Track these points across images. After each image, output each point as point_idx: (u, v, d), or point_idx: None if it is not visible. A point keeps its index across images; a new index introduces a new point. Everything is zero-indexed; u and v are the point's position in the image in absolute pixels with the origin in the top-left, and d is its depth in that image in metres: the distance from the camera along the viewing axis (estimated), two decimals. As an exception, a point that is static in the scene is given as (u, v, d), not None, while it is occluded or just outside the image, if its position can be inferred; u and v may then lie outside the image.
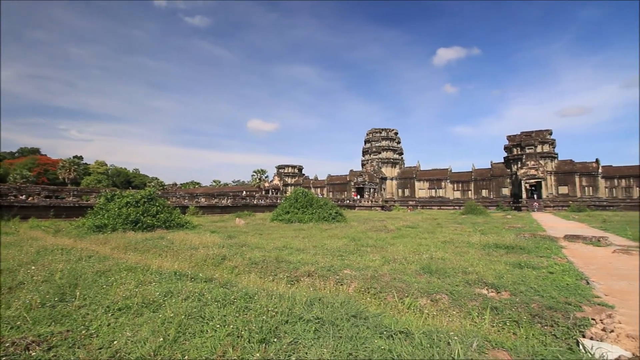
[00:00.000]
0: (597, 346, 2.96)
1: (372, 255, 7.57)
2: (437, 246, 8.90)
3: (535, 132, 55.09)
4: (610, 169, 50.89)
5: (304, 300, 3.63)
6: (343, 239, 10.70)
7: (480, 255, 7.53)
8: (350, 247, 8.79)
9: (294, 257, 7.25)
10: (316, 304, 3.53)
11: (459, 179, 62.66)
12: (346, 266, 6.25)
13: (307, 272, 5.86)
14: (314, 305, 3.51)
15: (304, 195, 21.95)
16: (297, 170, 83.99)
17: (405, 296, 4.49)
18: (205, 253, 7.74)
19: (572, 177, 50.87)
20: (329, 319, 3.11)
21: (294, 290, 4.41)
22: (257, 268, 6.42)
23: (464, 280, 5.09)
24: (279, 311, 3.30)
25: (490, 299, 4.28)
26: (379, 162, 69.57)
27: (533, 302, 4.05)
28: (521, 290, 4.51)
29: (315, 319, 3.10)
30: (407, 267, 6.08)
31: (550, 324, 3.65)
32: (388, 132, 72.81)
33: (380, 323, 3.11)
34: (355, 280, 5.30)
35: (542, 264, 6.23)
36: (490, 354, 2.64)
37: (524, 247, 8.25)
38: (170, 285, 4.53)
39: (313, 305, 3.51)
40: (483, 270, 5.77)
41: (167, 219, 15.13)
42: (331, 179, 74.99)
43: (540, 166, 51.05)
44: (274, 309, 3.31)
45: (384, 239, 10.45)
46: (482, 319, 3.79)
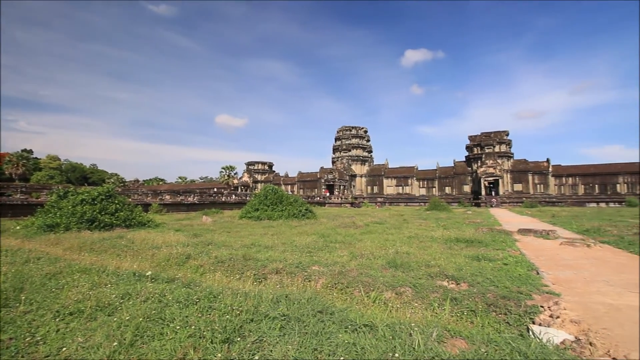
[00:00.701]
0: (545, 331, 3.20)
1: (341, 251, 7.66)
2: (403, 241, 9.18)
3: (494, 133, 58.48)
4: (559, 168, 55.32)
5: (270, 298, 3.58)
6: (312, 235, 10.72)
7: (443, 249, 7.86)
8: (319, 243, 8.82)
9: (262, 254, 7.15)
10: (283, 301, 3.50)
11: (424, 176, 65.08)
12: (315, 262, 6.27)
13: (275, 269, 5.80)
14: (280, 302, 3.48)
15: (273, 192, 21.73)
16: (267, 167, 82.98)
17: (372, 290, 4.59)
18: (168, 252, 7.42)
19: (526, 175, 54.68)
20: (295, 315, 3.10)
21: (261, 288, 4.35)
22: (224, 267, 6.26)
23: (426, 273, 5.29)
24: (244, 310, 3.23)
25: (450, 290, 4.48)
26: (349, 159, 70.50)
27: (489, 292, 4.30)
28: (478, 281, 4.76)
29: (281, 316, 3.08)
30: (374, 262, 6.21)
31: (504, 312, 3.89)
32: (358, 130, 73.93)
33: (345, 318, 3.15)
34: (323, 276, 5.33)
35: (498, 257, 6.63)
36: (448, 342, 2.76)
37: (482, 240, 8.74)
38: (129, 287, 4.29)
39: (279, 302, 3.48)
40: (444, 263, 6.03)
41: (127, 218, 14.32)
42: (302, 176, 74.90)
43: (498, 165, 54.35)
44: (239, 308, 3.24)
45: (353, 235, 10.61)
46: (442, 310, 3.95)
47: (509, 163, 56.29)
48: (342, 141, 73.04)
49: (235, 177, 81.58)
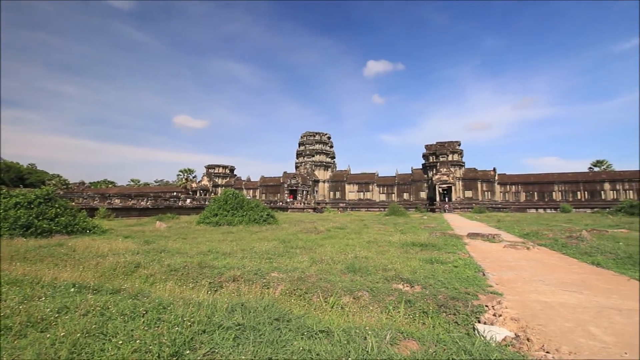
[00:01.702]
0: (489, 329, 3.42)
1: (301, 256, 7.62)
2: (362, 246, 9.37)
3: (448, 143, 62.22)
4: (504, 176, 60.17)
5: (225, 307, 3.46)
6: (273, 241, 10.57)
7: (399, 253, 8.15)
8: (279, 249, 8.72)
9: (220, 261, 6.90)
10: (238, 309, 3.39)
11: (384, 182, 67.30)
12: (274, 269, 6.17)
13: (233, 277, 5.62)
14: (235, 311, 3.37)
15: (234, 197, 21.14)
16: (229, 170, 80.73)
17: (330, 295, 4.61)
18: (114, 261, 6.89)
19: (475, 183, 58.73)
20: (250, 324, 3.01)
21: (216, 297, 4.19)
22: (177, 275, 5.94)
23: (383, 277, 5.44)
24: (197, 320, 3.08)
25: (405, 293, 4.64)
26: (312, 165, 70.86)
27: (440, 294, 4.52)
28: (431, 283, 4.99)
29: (235, 326, 2.98)
30: (334, 267, 6.26)
31: (453, 313, 4.11)
32: (321, 136, 74.70)
33: (303, 324, 3.13)
34: (282, 283, 5.26)
35: (449, 259, 7.00)
36: (401, 344, 2.85)
37: (436, 244, 9.20)
38: (67, 300, 3.91)
39: (234, 311, 3.37)
40: (400, 267, 6.25)
41: (69, 223, 13.09)
42: (264, 181, 73.83)
43: (451, 173, 57.81)
44: (190, 319, 3.08)
45: (314, 240, 10.63)
46: (397, 312, 4.08)
47: (461, 171, 60.10)
48: (306, 146, 73.32)
49: (194, 181, 78.27)
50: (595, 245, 8.86)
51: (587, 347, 2.99)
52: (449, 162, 59.92)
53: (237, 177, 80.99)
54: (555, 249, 8.87)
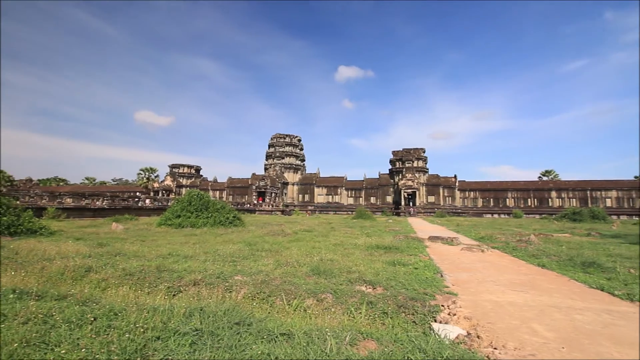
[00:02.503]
0: (443, 328, 3.59)
1: (267, 259, 7.54)
2: (329, 249, 9.45)
3: (413, 150, 64.63)
4: (463, 183, 63.53)
5: (182, 312, 3.33)
6: (238, 243, 10.36)
7: (364, 255, 8.32)
8: (244, 252, 8.56)
9: (180, 265, 6.64)
10: (196, 314, 3.28)
11: (352, 186, 68.40)
12: (238, 272, 6.05)
13: (193, 280, 5.43)
14: (193, 316, 3.25)
15: (198, 198, 20.44)
16: (194, 170, 77.97)
17: (294, 298, 4.60)
18: (62, 265, 6.38)
19: (438, 188, 61.48)
20: (209, 329, 2.93)
21: (174, 301, 4.02)
22: (132, 279, 5.62)
23: (347, 279, 5.52)
24: (151, 327, 2.94)
25: (367, 294, 4.74)
26: (281, 167, 70.39)
27: (400, 295, 4.67)
28: (392, 285, 5.15)
29: (193, 331, 2.88)
30: (299, 270, 6.25)
31: (412, 313, 4.26)
32: (292, 138, 74.50)
33: (264, 328, 3.09)
34: (245, 286, 5.17)
35: (410, 261, 7.26)
36: (361, 344, 2.91)
37: (399, 247, 9.50)
38: (5, 307, 3.56)
39: (192, 316, 3.26)
40: (364, 269, 6.38)
41: (12, 224, 11.98)
42: (232, 182, 72.16)
43: (415, 178, 60.05)
44: (144, 325, 2.94)
45: (280, 243, 10.56)
46: (359, 314, 4.16)
47: (425, 177, 62.64)
48: (276, 148, 72.75)
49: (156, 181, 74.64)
50: (541, 249, 9.61)
51: (530, 342, 3.23)
52: (414, 168, 62.21)
53: (203, 178, 78.43)
54: (507, 252, 9.51)
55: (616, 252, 9.37)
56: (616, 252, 9.50)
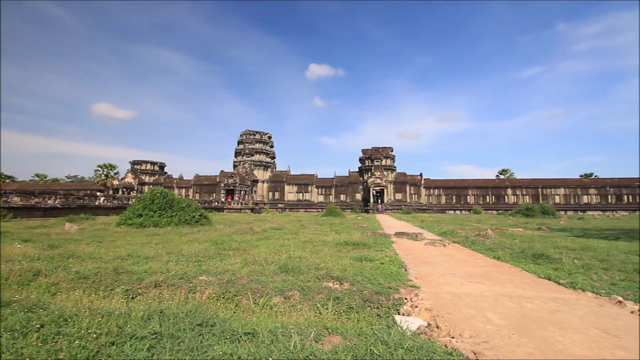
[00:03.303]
0: (405, 320, 3.72)
1: (234, 258, 7.39)
2: (298, 246, 9.45)
3: (382, 148, 66.20)
4: (428, 181, 66.15)
5: (140, 315, 3.18)
6: (205, 243, 10.06)
7: (332, 252, 8.41)
8: (211, 251, 8.33)
9: (140, 266, 6.33)
10: (155, 317, 3.15)
11: (323, 184, 68.79)
12: (203, 272, 5.87)
13: (154, 282, 5.19)
14: (152, 319, 3.12)
15: (162, 196, 19.57)
16: (158, 167, 74.51)
17: (260, 297, 4.55)
18: (7, 269, 5.85)
19: (405, 186, 63.50)
20: (168, 332, 2.82)
21: (132, 305, 3.83)
22: (87, 283, 5.28)
23: (315, 276, 5.55)
24: (105, 332, 2.78)
25: (334, 290, 4.80)
26: (251, 164, 69.19)
27: (366, 290, 4.78)
28: (358, 280, 5.25)
29: (151, 335, 2.76)
30: (266, 268, 6.19)
31: (377, 307, 4.37)
32: (262, 135, 73.41)
33: (228, 328, 3.03)
34: (210, 286, 5.03)
35: (377, 257, 7.45)
36: (326, 339, 2.94)
37: (366, 243, 9.71)
38: None
39: (151, 319, 3.12)
40: (332, 265, 6.45)
41: (-57, 226, 10.74)
42: (199, 179, 69.83)
43: (384, 176, 61.59)
44: (97, 331, 2.77)
45: (248, 242, 10.39)
46: (325, 309, 4.20)
47: (393, 175, 64.41)
48: (245, 145, 71.34)
49: (116, 178, 70.48)
50: (497, 242, 10.25)
51: (484, 330, 3.43)
52: (382, 167, 63.74)
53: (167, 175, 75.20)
54: (466, 246, 10.04)
55: (562, 245, 10.21)
56: (562, 244, 10.36)
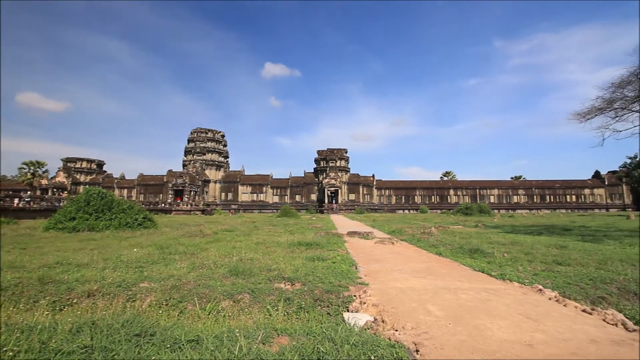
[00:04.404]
0: (353, 316, 3.84)
1: (180, 263, 7.02)
2: (250, 248, 9.26)
3: (337, 150, 67.53)
4: (380, 182, 68.93)
5: (68, 328, 2.89)
6: (148, 247, 9.41)
7: (285, 253, 8.37)
8: (154, 256, 7.82)
9: (72, 274, 5.74)
10: (86, 329, 2.88)
11: (278, 184, 68.20)
12: (145, 279, 5.49)
13: (87, 291, 4.74)
14: (82, 332, 2.84)
15: (100, 197, 17.93)
16: (96, 166, 68.15)
17: (208, 302, 4.38)
18: None
19: (358, 187, 65.45)
20: (101, 345, 2.59)
21: (58, 317, 3.45)
22: (5, 295, 4.65)
23: (266, 278, 5.49)
24: (25, 348, 2.48)
25: (285, 291, 4.79)
26: (202, 163, 66.25)
27: (317, 289, 4.84)
28: (310, 280, 5.30)
29: (81, 349, 2.52)
30: (215, 272, 5.98)
31: (327, 305, 4.45)
32: (215, 133, 70.64)
33: (169, 336, 2.87)
34: (152, 293, 4.72)
35: (329, 256, 7.58)
36: (274, 341, 2.93)
37: (319, 243, 9.83)
38: None
39: (81, 332, 2.84)
40: (284, 266, 6.42)
41: None
42: (143, 179, 65.16)
43: (338, 177, 62.88)
44: (13, 348, 2.46)
45: (197, 245, 9.94)
46: (276, 311, 4.18)
47: (347, 176, 66.03)
48: (196, 144, 68.09)
49: (45, 177, 62.97)
50: (440, 239, 11.01)
51: (425, 322, 3.67)
52: (337, 168, 65.01)
53: (107, 174, 69.10)
54: (413, 243, 10.65)
55: (495, 240, 11.28)
56: (495, 240, 11.44)
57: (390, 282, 5.47)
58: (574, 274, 5.94)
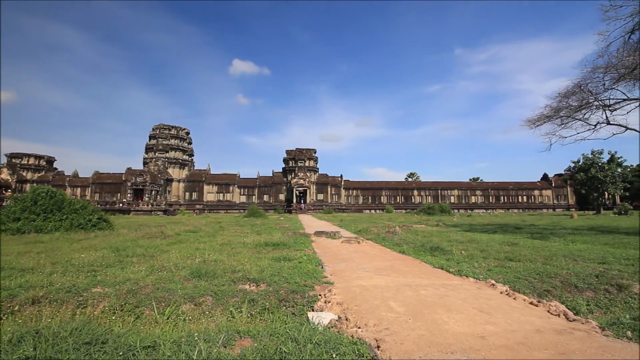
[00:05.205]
0: (317, 316, 3.87)
1: (138, 265, 6.66)
2: (214, 249, 9.00)
3: (305, 150, 67.57)
4: (348, 182, 69.97)
5: (8, 339, 2.64)
6: (102, 250, 8.84)
7: (251, 253, 8.24)
8: (109, 259, 7.36)
9: (14, 280, 5.25)
10: (29, 339, 2.65)
11: (245, 184, 66.89)
12: (98, 283, 5.15)
13: (32, 298, 4.36)
14: (24, 341, 2.61)
15: (49, 196, 16.53)
16: (45, 162, 62.79)
17: (167, 306, 4.21)
18: None
19: (326, 187, 65.97)
20: (46, 355, 2.40)
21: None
22: None
23: (230, 279, 5.37)
24: (-49, 365, 2.23)
25: (250, 292, 4.72)
26: (165, 161, 63.34)
27: (282, 289, 4.81)
28: (275, 280, 5.26)
29: (21, 361, 2.31)
30: (176, 274, 5.74)
31: (292, 305, 4.45)
32: (179, 130, 67.78)
33: (123, 343, 2.72)
34: (106, 299, 4.44)
35: (296, 256, 7.57)
36: (236, 344, 2.87)
37: (286, 243, 9.79)
38: None
39: (23, 341, 2.61)
40: (250, 267, 6.32)
41: None
42: (99, 177, 61.09)
43: (307, 177, 62.97)
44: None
45: (158, 247, 9.49)
46: (239, 313, 4.10)
47: (315, 176, 66.31)
48: (159, 140, 64.93)
49: (-17, 174, 56.94)
50: (403, 238, 11.40)
51: (386, 318, 3.78)
52: (305, 168, 65.05)
53: (57, 172, 63.99)
54: (378, 242, 10.93)
55: (454, 238, 11.88)
56: (454, 238, 12.04)
57: (355, 281, 5.58)
58: (523, 269, 6.41)
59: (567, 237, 12.36)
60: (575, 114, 16.52)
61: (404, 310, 4.07)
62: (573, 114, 16.55)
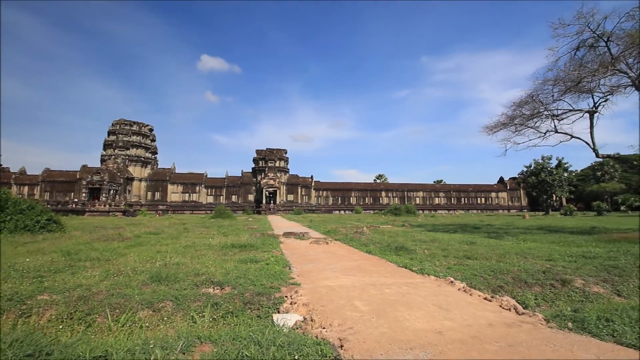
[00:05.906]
0: (283, 317, 3.84)
1: (92, 270, 6.24)
2: (177, 251, 8.65)
3: (276, 150, 66.99)
4: (318, 183, 70.29)
5: None
6: (52, 254, 8.17)
7: (217, 256, 8.01)
8: (59, 263, 6.82)
9: (-58, 290, 4.70)
10: (-43, 355, 2.39)
11: (213, 184, 64.97)
12: (44, 290, 4.75)
13: (-36, 309, 3.93)
14: (-49, 358, 2.35)
15: (-11, 196, 15.00)
16: (-16, 158, 56.80)
17: (123, 312, 3.97)
18: None
19: (297, 187, 65.83)
20: (-23, 371, 2.17)
21: None
22: None
23: (193, 283, 5.18)
24: None
25: (213, 296, 4.58)
26: (125, 159, 59.93)
27: (247, 292, 4.73)
28: (241, 283, 5.15)
29: (-54, 380, 2.07)
30: (134, 279, 5.45)
31: (257, 308, 4.38)
32: (141, 126, 64.41)
33: (71, 354, 2.53)
34: (53, 307, 4.11)
35: (263, 258, 7.47)
36: (197, 349, 2.78)
37: (254, 244, 9.63)
38: None
39: (-51, 358, 2.35)
40: (214, 270, 6.14)
41: None
42: (50, 175, 56.50)
43: (277, 178, 62.44)
44: None
45: (114, 250, 8.95)
46: (201, 318, 3.97)
47: (286, 177, 65.92)
48: (119, 137, 61.31)
49: None
50: (370, 238, 11.64)
51: (351, 317, 3.84)
52: (276, 168, 64.46)
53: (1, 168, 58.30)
54: (346, 242, 11.08)
55: (418, 238, 12.32)
56: (418, 237, 12.49)
57: (321, 281, 5.60)
58: (479, 267, 6.78)
59: (519, 236, 13.28)
60: (527, 122, 17.82)
61: (368, 309, 4.15)
62: (526, 122, 17.84)
